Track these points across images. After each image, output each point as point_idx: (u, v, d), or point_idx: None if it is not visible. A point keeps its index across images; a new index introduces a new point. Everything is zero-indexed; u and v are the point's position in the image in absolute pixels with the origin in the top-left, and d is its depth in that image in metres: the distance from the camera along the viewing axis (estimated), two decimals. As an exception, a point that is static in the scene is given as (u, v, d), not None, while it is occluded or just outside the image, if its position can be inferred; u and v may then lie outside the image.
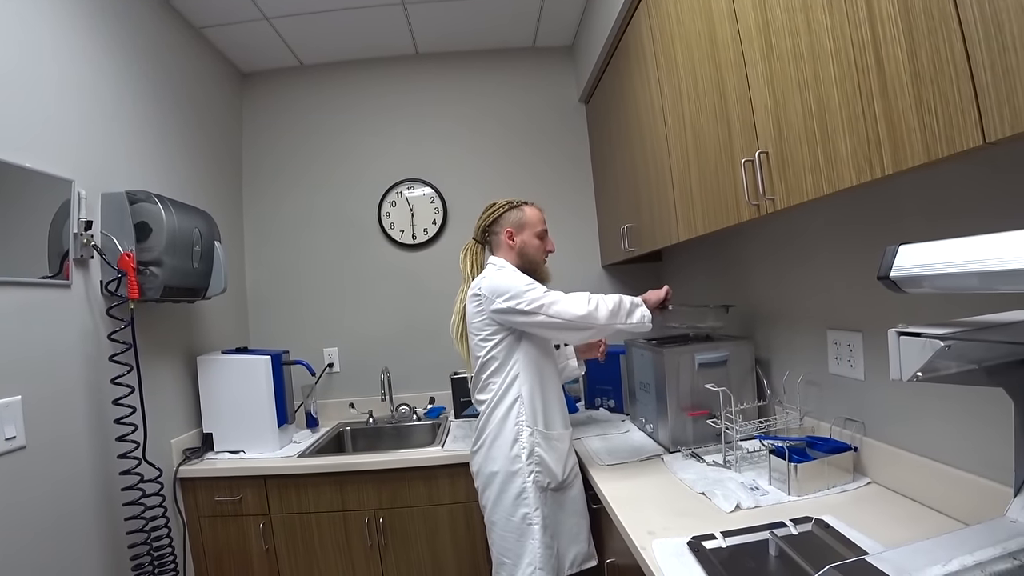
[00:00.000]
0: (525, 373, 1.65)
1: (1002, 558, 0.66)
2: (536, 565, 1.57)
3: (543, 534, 1.59)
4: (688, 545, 1.13)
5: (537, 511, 1.59)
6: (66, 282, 1.61)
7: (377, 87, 2.86)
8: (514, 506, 1.60)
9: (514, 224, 1.77)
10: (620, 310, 1.59)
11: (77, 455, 1.61)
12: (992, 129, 0.70)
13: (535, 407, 1.64)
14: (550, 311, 1.56)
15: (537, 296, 1.58)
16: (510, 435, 1.63)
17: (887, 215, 1.27)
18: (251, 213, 2.83)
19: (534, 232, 1.77)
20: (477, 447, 1.70)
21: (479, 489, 1.70)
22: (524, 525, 1.59)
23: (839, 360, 1.49)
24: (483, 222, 1.81)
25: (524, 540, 1.59)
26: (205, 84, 2.49)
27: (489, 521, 1.67)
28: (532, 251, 1.77)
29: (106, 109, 1.84)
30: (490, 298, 1.62)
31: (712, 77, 1.42)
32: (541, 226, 1.79)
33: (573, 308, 1.57)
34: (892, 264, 0.61)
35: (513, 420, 1.63)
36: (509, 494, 1.61)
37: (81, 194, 1.66)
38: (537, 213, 1.81)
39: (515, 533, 1.60)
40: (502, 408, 1.64)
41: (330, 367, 2.79)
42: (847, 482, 1.38)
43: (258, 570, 2.11)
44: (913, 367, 0.60)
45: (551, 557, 1.60)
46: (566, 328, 1.59)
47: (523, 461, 1.61)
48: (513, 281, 1.62)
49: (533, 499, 1.60)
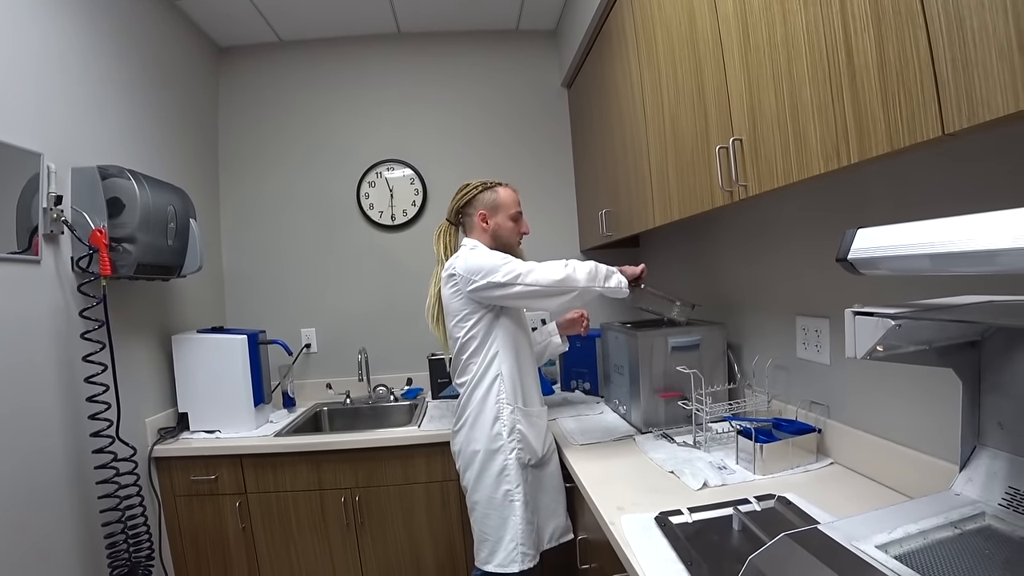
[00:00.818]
0: (504, 352, 1.66)
1: (944, 527, 0.70)
2: (518, 541, 1.60)
3: (524, 510, 1.62)
4: (655, 520, 1.17)
5: (519, 488, 1.62)
6: (35, 258, 1.58)
7: (357, 66, 2.82)
8: (496, 483, 1.62)
9: (487, 206, 1.76)
10: (597, 274, 1.60)
11: (48, 430, 1.59)
12: (951, 121, 0.72)
13: (515, 385, 1.66)
14: (527, 279, 1.56)
15: (513, 268, 1.58)
16: (491, 413, 1.64)
17: (855, 205, 1.31)
18: (227, 191, 2.79)
19: (508, 214, 1.76)
20: (459, 427, 1.71)
21: (460, 469, 1.72)
22: (506, 502, 1.62)
23: (807, 345, 1.54)
24: (456, 203, 1.80)
25: (506, 517, 1.62)
26: (179, 58, 2.43)
27: (471, 500, 1.68)
28: (506, 233, 1.76)
29: (76, 82, 1.79)
30: (466, 278, 1.61)
31: (691, 65, 1.44)
32: (515, 208, 1.78)
33: (550, 274, 1.57)
34: (851, 246, 0.64)
35: (494, 398, 1.65)
36: (491, 472, 1.63)
37: (50, 168, 1.62)
38: (511, 194, 1.79)
39: (497, 510, 1.62)
40: (483, 387, 1.66)
41: (308, 347, 2.78)
42: (810, 462, 1.44)
43: (235, 549, 2.11)
44: (867, 345, 0.63)
45: (532, 533, 1.63)
46: (546, 295, 1.58)
47: (504, 438, 1.63)
48: (488, 258, 1.62)
49: (515, 476, 1.62)
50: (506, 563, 1.60)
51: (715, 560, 0.99)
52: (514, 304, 1.65)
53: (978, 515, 0.73)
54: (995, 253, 0.50)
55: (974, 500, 0.76)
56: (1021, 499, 0.72)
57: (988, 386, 0.78)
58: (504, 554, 1.61)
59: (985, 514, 0.74)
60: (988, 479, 0.77)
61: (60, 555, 1.59)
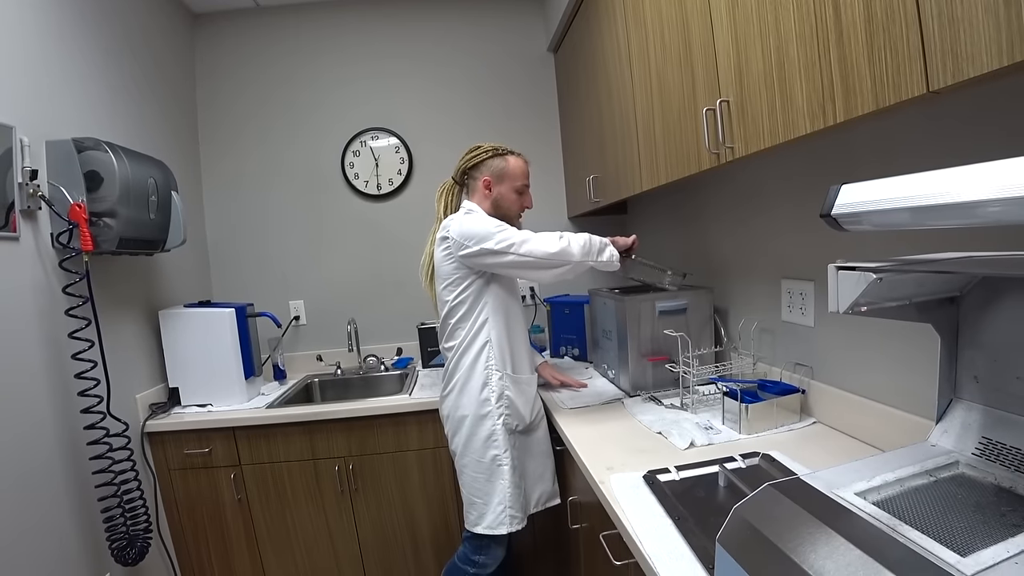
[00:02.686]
0: (494, 318, 1.66)
1: (920, 475, 0.73)
2: (506, 504, 1.63)
3: (512, 474, 1.64)
4: (644, 478, 1.20)
5: (506, 452, 1.64)
6: (13, 234, 1.55)
7: (339, 34, 2.74)
8: (484, 448, 1.65)
9: (494, 172, 1.72)
10: (591, 248, 1.61)
11: (38, 409, 1.58)
12: (936, 78, 0.72)
13: (503, 351, 1.67)
14: (521, 250, 1.55)
15: (507, 236, 1.57)
16: (479, 379, 1.65)
17: (842, 169, 1.31)
18: (209, 163, 2.73)
19: (513, 185, 1.73)
20: (447, 392, 1.72)
21: (449, 434, 1.74)
22: (494, 466, 1.64)
23: (791, 308, 1.56)
24: (464, 163, 1.76)
25: (494, 480, 1.64)
26: (151, 25, 2.34)
27: (460, 464, 1.71)
28: (507, 204, 1.74)
29: (45, 52, 1.72)
30: (459, 242, 1.60)
31: (678, 25, 1.42)
32: (522, 180, 1.74)
33: (545, 245, 1.56)
34: (835, 202, 0.65)
35: (483, 365, 1.66)
36: (479, 437, 1.65)
37: (23, 141, 1.57)
38: (522, 166, 1.75)
39: (485, 474, 1.65)
40: (471, 353, 1.66)
41: (296, 320, 2.77)
42: (794, 422, 1.47)
43: (231, 519, 2.15)
44: (848, 299, 0.64)
45: (519, 496, 1.66)
46: (538, 266, 1.58)
47: (492, 404, 1.65)
48: (482, 224, 1.60)
49: (502, 441, 1.64)
50: (494, 525, 1.63)
51: (702, 514, 1.02)
52: (505, 273, 1.64)
53: (952, 464, 0.76)
54: (976, 204, 0.50)
55: (949, 450, 0.79)
56: (993, 448, 0.75)
57: (965, 341, 0.81)
58: (492, 516, 1.64)
59: (959, 463, 0.76)
60: (963, 430, 0.80)
61: (59, 531, 1.60)
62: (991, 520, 0.64)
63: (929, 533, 0.59)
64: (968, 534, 0.60)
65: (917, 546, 0.56)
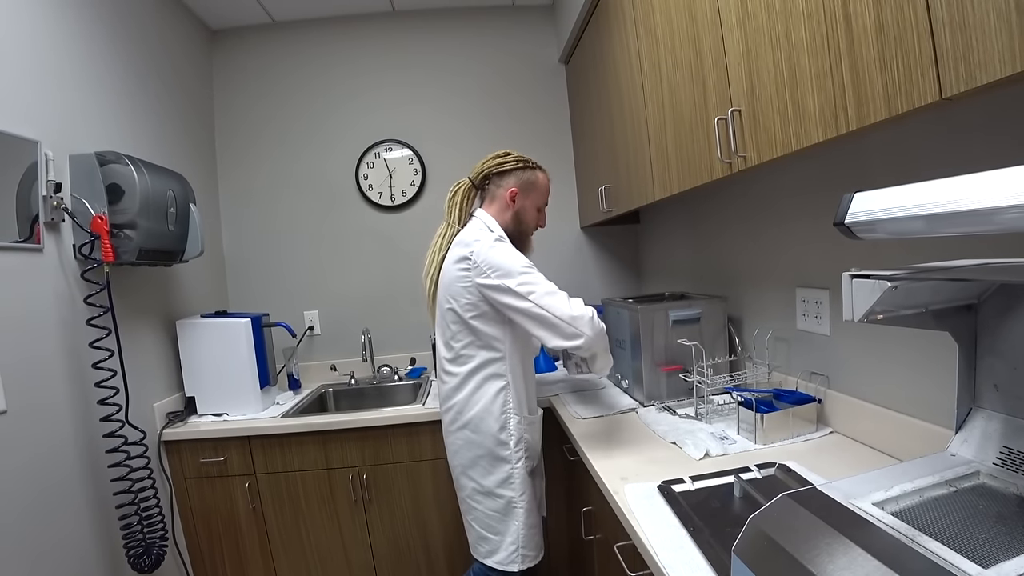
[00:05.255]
0: (513, 356, 1.57)
1: (939, 485, 0.72)
2: (519, 544, 1.58)
3: (527, 516, 1.59)
4: (658, 489, 1.19)
5: (523, 496, 1.58)
6: (37, 246, 1.58)
7: (352, 47, 2.79)
8: (501, 488, 1.57)
9: (523, 185, 1.65)
10: (604, 339, 1.54)
11: (59, 418, 1.61)
12: (948, 85, 0.72)
13: (520, 393, 1.60)
14: (542, 300, 1.45)
15: (532, 280, 1.47)
16: (496, 423, 1.57)
17: (855, 177, 1.31)
18: (226, 175, 2.78)
19: (537, 203, 1.69)
20: (456, 427, 1.62)
21: (459, 467, 1.65)
22: (509, 507, 1.58)
23: (807, 317, 1.55)
24: (489, 168, 1.67)
25: (508, 520, 1.58)
26: (172, 42, 2.40)
27: (471, 499, 1.63)
28: (527, 220, 1.68)
29: (70, 68, 1.77)
30: (481, 268, 1.50)
31: (689, 35, 1.42)
32: (546, 198, 1.72)
33: (567, 306, 1.46)
34: (848, 210, 0.65)
35: (500, 407, 1.57)
36: (494, 477, 1.57)
37: (48, 155, 1.62)
38: (548, 183, 1.72)
39: (500, 512, 1.58)
40: (487, 393, 1.58)
41: (311, 330, 2.80)
42: (811, 432, 1.46)
43: (246, 528, 2.16)
44: (864, 308, 0.64)
45: (533, 536, 1.61)
46: (551, 326, 1.46)
47: (511, 447, 1.57)
48: (510, 259, 1.51)
49: (519, 484, 1.58)
50: (506, 563, 1.58)
51: (717, 525, 1.01)
52: (516, 318, 1.51)
53: (972, 474, 0.75)
54: (992, 211, 0.50)
55: (969, 460, 0.78)
56: (1014, 457, 0.73)
57: (984, 349, 0.80)
58: (504, 554, 1.58)
59: (980, 473, 0.75)
60: (983, 440, 0.78)
61: (79, 538, 1.62)
62: (1014, 531, 0.63)
63: (949, 544, 0.58)
64: (989, 545, 0.59)
65: (937, 557, 0.56)
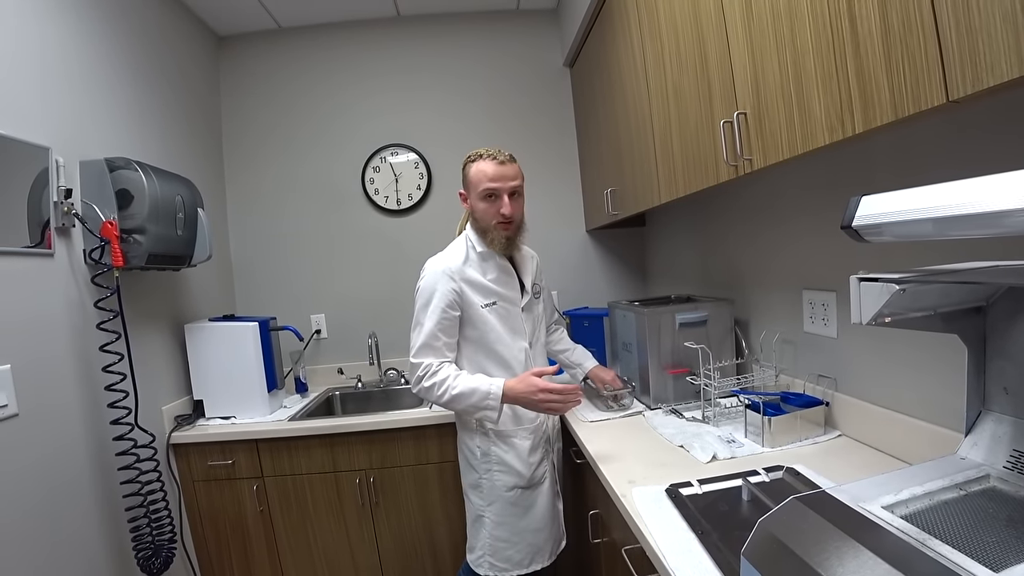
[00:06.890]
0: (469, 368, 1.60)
1: (949, 488, 0.72)
2: (486, 552, 1.60)
3: (495, 529, 1.59)
4: (666, 492, 1.19)
5: (490, 506, 1.60)
6: (48, 251, 1.60)
7: (358, 51, 2.81)
8: (472, 492, 1.64)
9: (465, 183, 1.61)
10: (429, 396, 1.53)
11: (70, 421, 1.63)
12: (955, 87, 0.72)
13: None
14: (413, 356, 1.53)
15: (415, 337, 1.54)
16: (471, 424, 1.63)
17: (861, 179, 1.30)
18: (233, 180, 2.80)
19: (477, 193, 1.55)
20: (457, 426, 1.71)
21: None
22: (476, 514, 1.62)
23: (814, 319, 1.54)
24: None
25: (478, 528, 1.62)
26: (180, 49, 2.43)
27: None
28: (479, 215, 1.57)
29: (79, 75, 1.79)
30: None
31: (694, 38, 1.43)
32: (485, 184, 1.53)
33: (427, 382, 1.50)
34: (855, 213, 0.65)
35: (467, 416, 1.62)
36: (468, 479, 1.64)
37: (59, 162, 1.63)
38: (483, 169, 1.54)
39: (472, 516, 1.64)
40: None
41: (318, 333, 2.81)
42: (818, 434, 1.45)
43: (253, 531, 2.16)
44: (872, 311, 0.64)
45: (502, 551, 1.61)
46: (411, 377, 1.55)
47: (478, 458, 1.62)
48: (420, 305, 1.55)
49: (488, 494, 1.61)
50: (476, 563, 1.63)
51: (725, 528, 1.01)
52: None
53: (983, 477, 0.75)
54: (1001, 215, 0.50)
55: (979, 463, 0.77)
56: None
57: (993, 352, 0.79)
58: (475, 555, 1.64)
59: (990, 476, 0.75)
60: (993, 443, 0.78)
61: (88, 540, 1.63)
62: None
63: (960, 548, 0.58)
64: (1000, 549, 0.59)
65: (947, 560, 0.55)
